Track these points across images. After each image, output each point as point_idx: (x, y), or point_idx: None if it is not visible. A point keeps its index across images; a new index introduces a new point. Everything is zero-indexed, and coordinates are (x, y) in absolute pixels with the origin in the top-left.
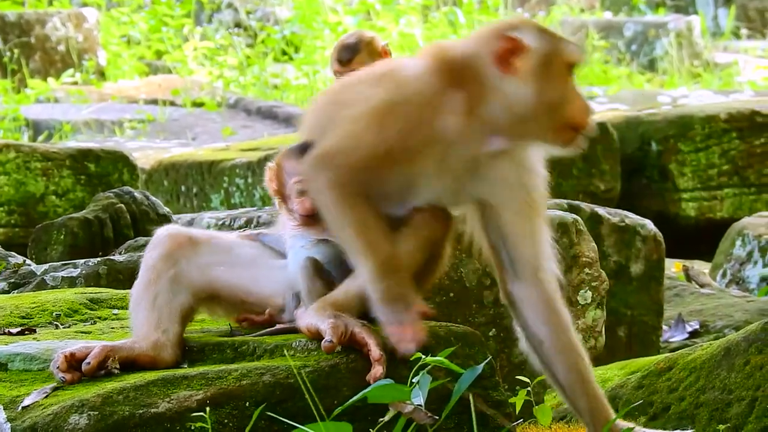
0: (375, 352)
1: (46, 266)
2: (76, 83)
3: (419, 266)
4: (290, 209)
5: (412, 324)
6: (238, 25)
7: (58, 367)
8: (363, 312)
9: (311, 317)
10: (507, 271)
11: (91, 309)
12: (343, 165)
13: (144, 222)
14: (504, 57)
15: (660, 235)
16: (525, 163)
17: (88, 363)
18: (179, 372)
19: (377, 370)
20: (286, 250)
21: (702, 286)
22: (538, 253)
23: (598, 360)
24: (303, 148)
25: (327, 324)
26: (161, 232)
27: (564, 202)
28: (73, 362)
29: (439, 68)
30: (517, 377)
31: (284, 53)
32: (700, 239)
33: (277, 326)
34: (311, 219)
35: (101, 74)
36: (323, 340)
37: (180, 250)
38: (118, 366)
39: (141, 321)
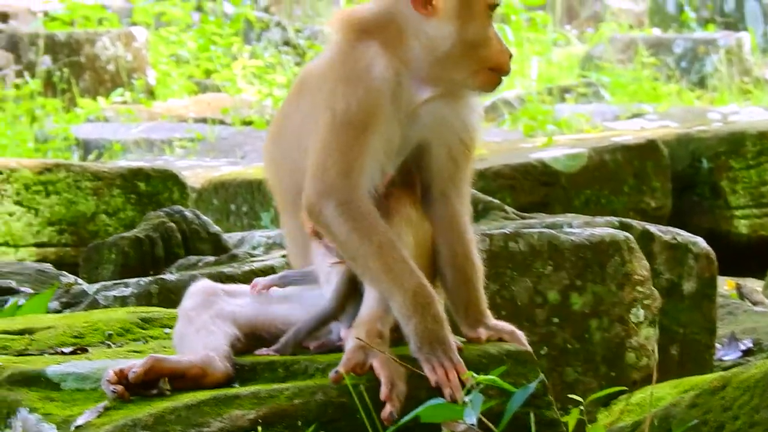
0: (382, 391)
1: (97, 285)
2: (125, 102)
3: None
4: (329, 247)
5: (454, 366)
6: (286, 43)
7: (108, 380)
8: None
9: (350, 339)
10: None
11: (143, 328)
12: (340, 181)
13: (195, 241)
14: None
15: (712, 253)
16: (463, 103)
17: (135, 371)
18: (231, 391)
19: (385, 410)
20: (321, 283)
21: (755, 303)
22: (454, 178)
23: (651, 378)
24: None
25: (346, 352)
26: (194, 286)
27: (615, 219)
28: (123, 378)
29: (353, 28)
30: (570, 396)
31: None
32: (752, 257)
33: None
34: None
35: (150, 93)
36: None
37: (215, 297)
38: (169, 387)
39: (187, 347)
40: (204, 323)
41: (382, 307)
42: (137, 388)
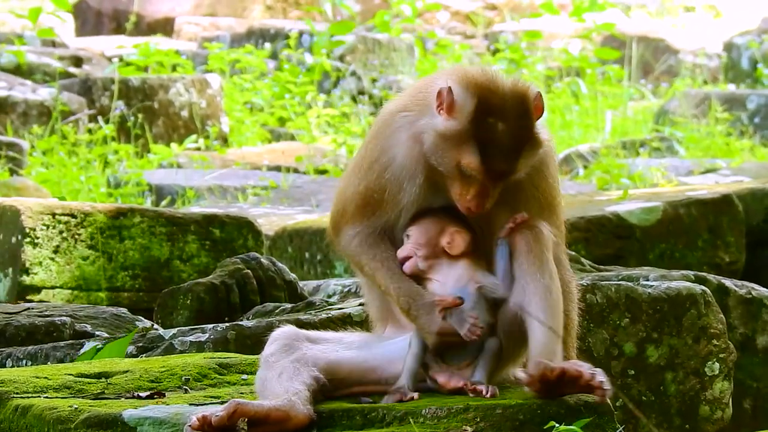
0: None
1: (174, 331)
2: (199, 149)
3: None
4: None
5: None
6: (361, 93)
7: (190, 426)
8: None
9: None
10: None
11: (220, 374)
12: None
13: (270, 288)
14: None
15: None
16: None
17: (218, 415)
18: None
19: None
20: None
21: None
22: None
23: (725, 431)
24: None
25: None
26: (276, 332)
27: (691, 273)
28: (206, 424)
29: None
30: None
31: None
32: None
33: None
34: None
35: (224, 140)
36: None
37: (297, 342)
38: (246, 427)
39: (269, 391)
40: (285, 368)
41: (546, 342)
42: None
